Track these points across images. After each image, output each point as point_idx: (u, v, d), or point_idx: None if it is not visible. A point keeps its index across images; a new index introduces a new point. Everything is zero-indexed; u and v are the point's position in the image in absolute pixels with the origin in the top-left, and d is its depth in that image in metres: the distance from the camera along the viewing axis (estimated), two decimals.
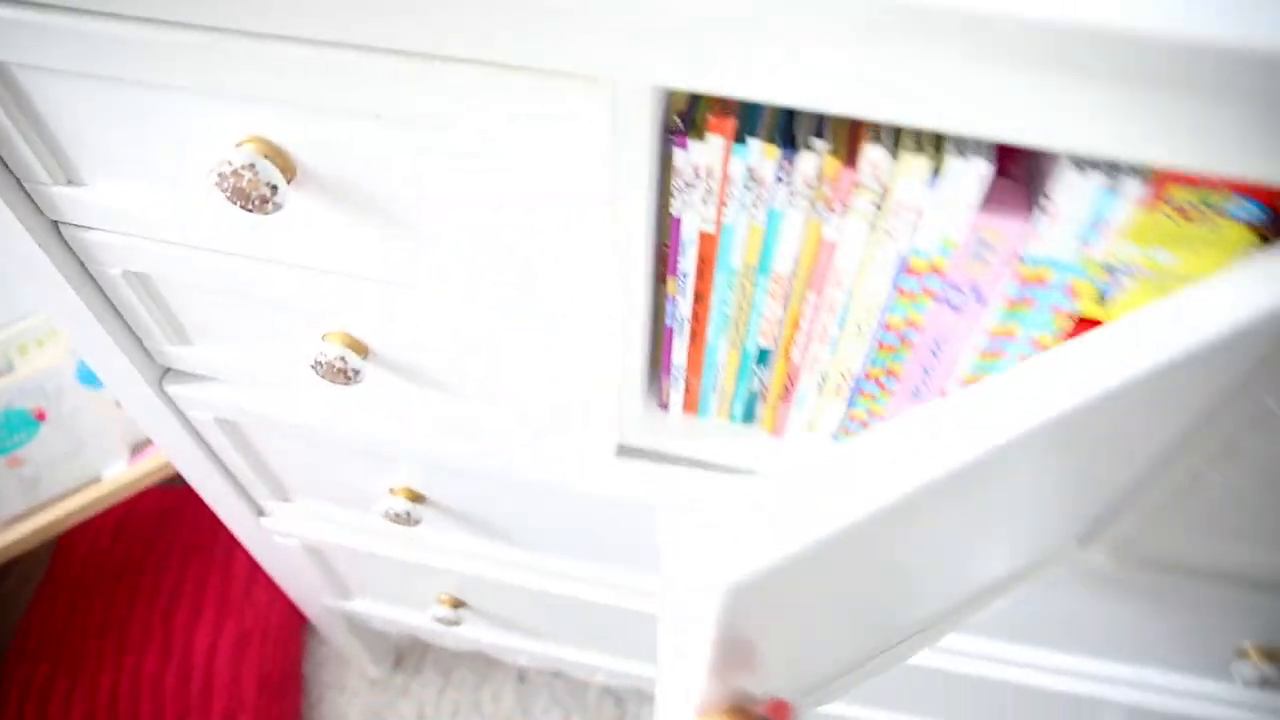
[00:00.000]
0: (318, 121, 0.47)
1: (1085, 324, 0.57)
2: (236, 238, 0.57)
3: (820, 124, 0.49)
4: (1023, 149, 0.51)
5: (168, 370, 0.75)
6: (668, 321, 0.62)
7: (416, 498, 0.83)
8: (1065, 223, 0.48)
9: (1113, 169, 0.46)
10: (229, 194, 0.48)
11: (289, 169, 0.49)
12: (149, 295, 0.65)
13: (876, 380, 0.62)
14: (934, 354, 0.60)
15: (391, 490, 0.82)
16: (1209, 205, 0.48)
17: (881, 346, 0.59)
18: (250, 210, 0.48)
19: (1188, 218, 0.49)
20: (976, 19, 0.35)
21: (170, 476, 1.35)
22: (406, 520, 0.82)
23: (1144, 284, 0.53)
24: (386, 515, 0.81)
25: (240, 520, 0.97)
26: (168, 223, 0.57)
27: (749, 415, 0.70)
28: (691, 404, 0.70)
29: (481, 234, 0.54)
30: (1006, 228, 0.49)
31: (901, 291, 0.54)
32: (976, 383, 0.48)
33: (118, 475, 1.23)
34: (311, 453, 0.81)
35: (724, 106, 0.48)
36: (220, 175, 0.47)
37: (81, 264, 0.62)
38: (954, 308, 0.56)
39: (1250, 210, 0.47)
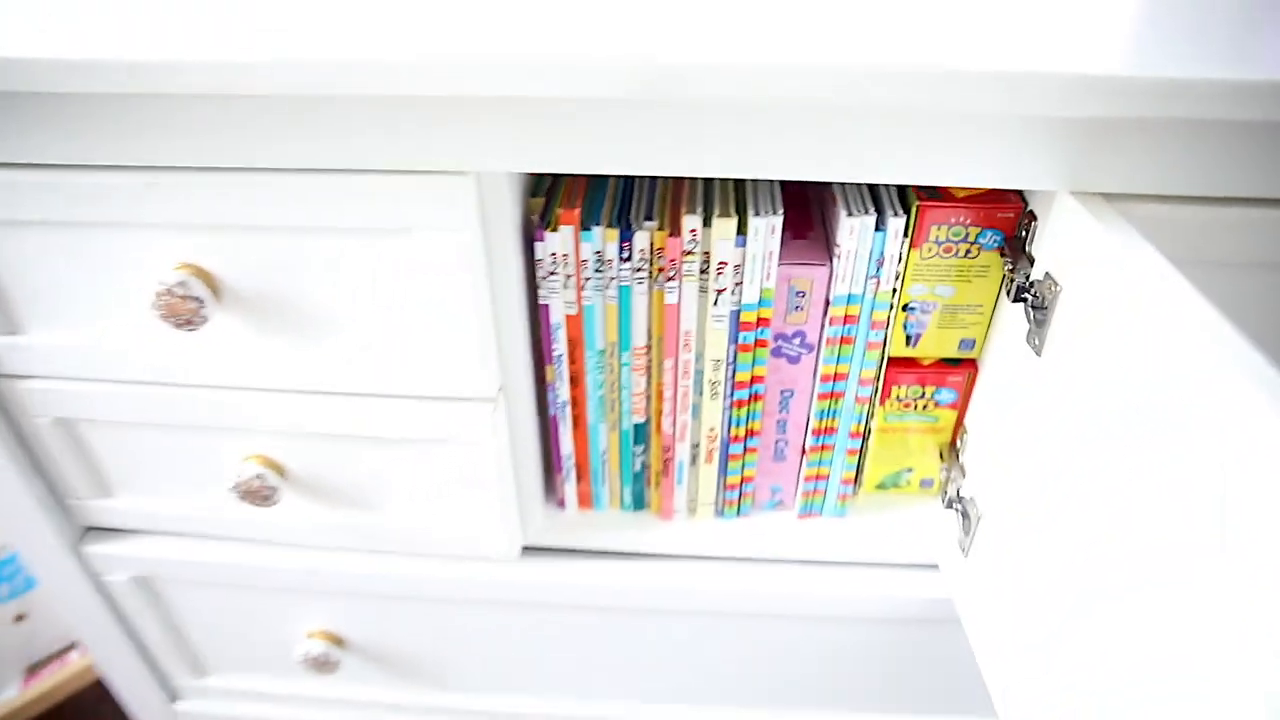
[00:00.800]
0: (237, 240, 0.57)
1: (898, 364, 0.68)
2: (163, 366, 0.64)
3: (650, 208, 0.61)
4: (818, 215, 0.64)
5: (87, 530, 0.78)
6: (551, 410, 0.70)
7: (335, 640, 0.85)
8: (854, 260, 0.60)
9: (879, 210, 0.59)
10: (163, 313, 0.56)
11: (215, 288, 0.58)
12: (74, 444, 0.70)
13: (741, 441, 0.71)
14: (783, 407, 0.70)
15: (309, 634, 0.85)
16: (963, 239, 0.61)
17: (737, 404, 0.69)
18: (180, 327, 0.56)
19: (951, 252, 0.61)
20: (742, 71, 0.47)
21: (65, 699, 1.30)
22: (326, 664, 0.84)
23: (937, 318, 0.65)
24: (305, 660, 0.83)
25: (152, 709, 0.96)
26: (99, 358, 0.64)
27: (640, 503, 0.78)
28: (586, 498, 0.78)
29: (381, 342, 0.62)
30: (811, 274, 0.61)
31: (741, 347, 0.65)
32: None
33: (11, 701, 1.18)
34: (229, 604, 0.83)
35: (570, 203, 0.60)
36: (156, 295, 0.55)
37: (9, 418, 0.68)
38: (789, 358, 0.66)
39: (994, 238, 0.60)
